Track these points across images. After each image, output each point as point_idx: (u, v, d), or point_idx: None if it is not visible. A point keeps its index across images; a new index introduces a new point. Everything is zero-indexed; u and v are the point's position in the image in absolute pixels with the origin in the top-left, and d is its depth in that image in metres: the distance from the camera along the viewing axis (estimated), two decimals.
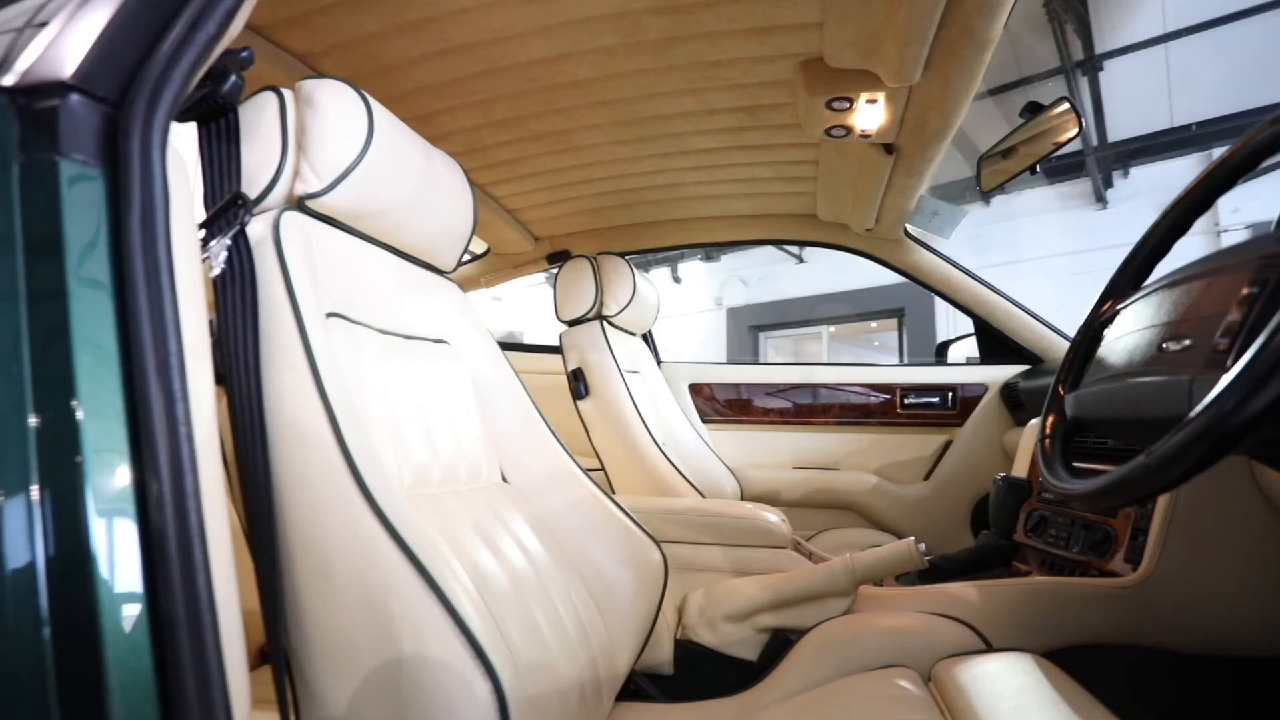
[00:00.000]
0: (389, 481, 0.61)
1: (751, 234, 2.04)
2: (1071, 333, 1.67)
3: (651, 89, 1.32)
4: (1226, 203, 5.42)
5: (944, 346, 2.26)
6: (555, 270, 1.91)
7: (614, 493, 1.31)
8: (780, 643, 1.05)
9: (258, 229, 0.67)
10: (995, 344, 1.94)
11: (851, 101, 1.21)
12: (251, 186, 0.68)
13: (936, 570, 1.04)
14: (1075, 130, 1.17)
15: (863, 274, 7.59)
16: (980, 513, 1.90)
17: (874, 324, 8.41)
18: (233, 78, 0.60)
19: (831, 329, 8.60)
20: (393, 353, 0.84)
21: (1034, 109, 1.23)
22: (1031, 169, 1.32)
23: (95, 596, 0.38)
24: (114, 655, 0.38)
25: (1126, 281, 0.84)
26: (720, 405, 2.23)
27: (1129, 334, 0.74)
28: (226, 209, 0.67)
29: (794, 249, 8.19)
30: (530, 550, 0.88)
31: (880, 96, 1.19)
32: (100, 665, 0.38)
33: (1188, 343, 0.61)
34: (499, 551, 0.81)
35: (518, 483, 0.99)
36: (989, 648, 0.91)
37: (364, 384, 0.76)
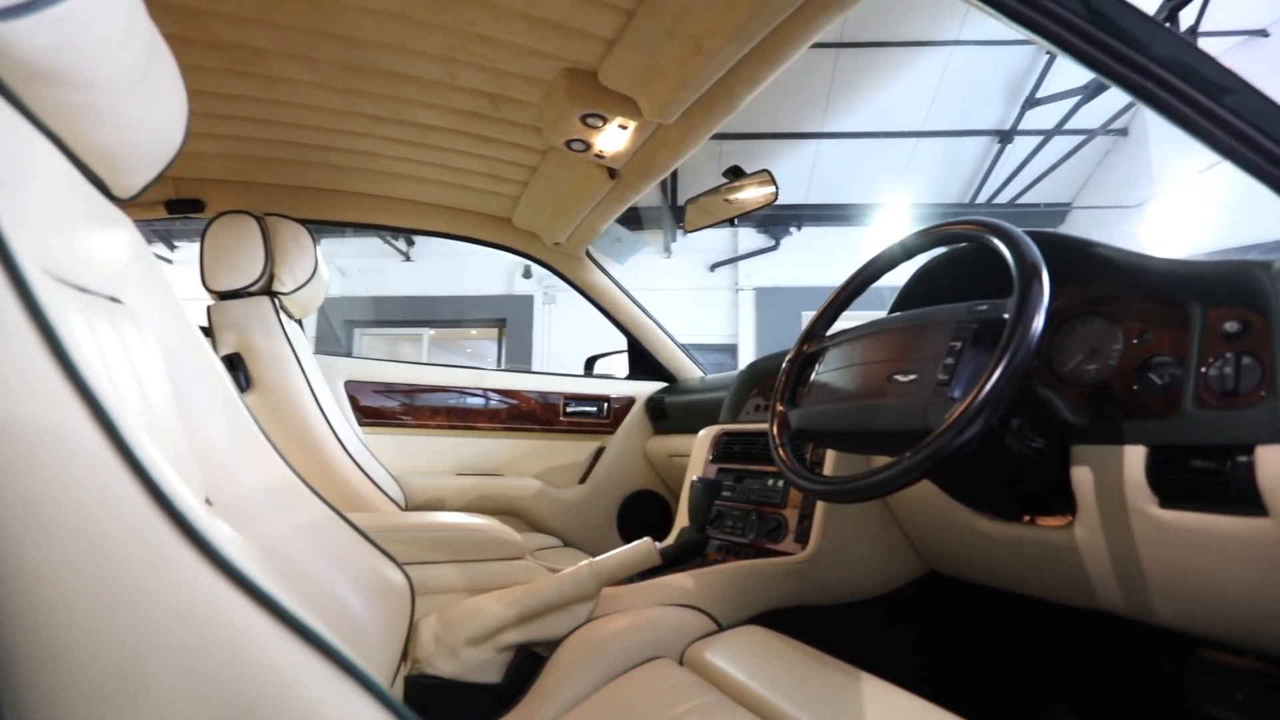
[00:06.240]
0: (201, 513, 0.39)
1: (440, 226, 1.90)
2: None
3: (401, 40, 1.13)
4: (744, 268, 7.35)
5: (592, 361, 2.48)
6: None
7: None
8: (526, 658, 1.01)
9: None
10: (643, 362, 2.22)
11: (605, 121, 1.26)
12: None
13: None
14: (772, 194, 1.45)
15: (467, 281, 7.74)
16: (625, 512, 2.15)
17: (474, 331, 8.62)
18: None
19: (432, 332, 8.48)
20: (68, 312, 0.54)
21: (736, 172, 1.48)
22: (730, 221, 1.58)
23: None
24: None
25: (821, 327, 1.09)
26: (378, 407, 2.00)
27: (850, 367, 0.96)
28: None
29: (401, 245, 7.85)
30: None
31: (632, 125, 1.27)
32: None
33: (914, 376, 0.83)
34: None
35: (229, 505, 0.73)
36: (719, 626, 1.05)
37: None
